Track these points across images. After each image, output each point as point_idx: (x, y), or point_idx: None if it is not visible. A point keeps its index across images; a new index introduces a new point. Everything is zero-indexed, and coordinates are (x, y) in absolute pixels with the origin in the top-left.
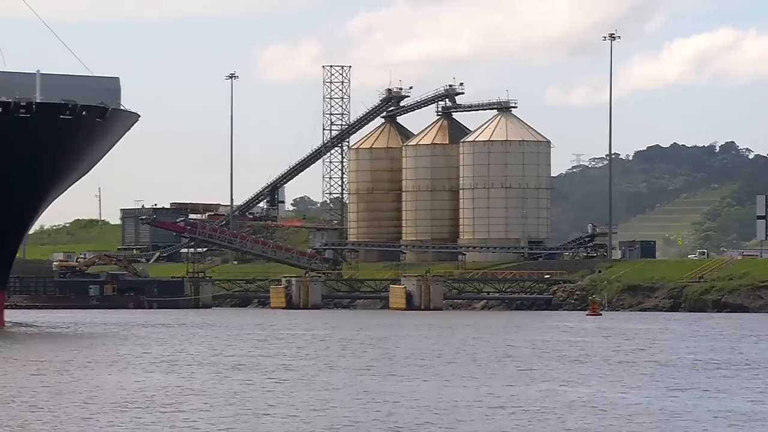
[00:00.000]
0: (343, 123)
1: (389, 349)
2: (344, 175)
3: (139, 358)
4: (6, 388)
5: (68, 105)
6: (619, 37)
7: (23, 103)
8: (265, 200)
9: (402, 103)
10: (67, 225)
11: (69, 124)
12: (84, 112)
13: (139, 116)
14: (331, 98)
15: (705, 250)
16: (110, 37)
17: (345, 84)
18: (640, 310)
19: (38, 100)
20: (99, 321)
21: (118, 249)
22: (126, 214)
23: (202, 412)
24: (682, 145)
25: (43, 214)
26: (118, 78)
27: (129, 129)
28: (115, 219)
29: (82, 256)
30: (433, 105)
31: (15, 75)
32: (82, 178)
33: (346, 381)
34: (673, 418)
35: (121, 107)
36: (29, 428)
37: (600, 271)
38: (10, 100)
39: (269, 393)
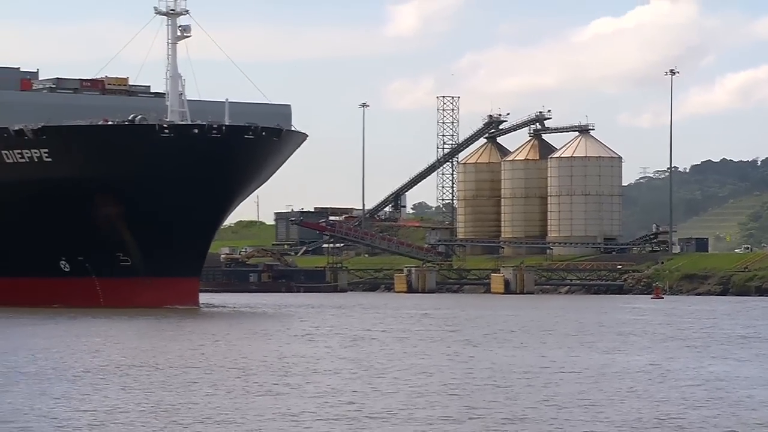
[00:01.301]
0: (453, 143)
1: (493, 324)
2: (454, 185)
3: (326, 329)
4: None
5: (251, 127)
6: (678, 72)
7: (215, 126)
8: (390, 205)
9: (501, 127)
10: (231, 225)
11: (251, 143)
12: (263, 133)
13: (307, 136)
14: (443, 123)
15: (749, 246)
16: (280, 72)
17: (454, 111)
18: (695, 295)
19: (227, 123)
20: (266, 302)
21: (273, 244)
22: (279, 216)
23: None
24: (730, 159)
25: None
26: (289, 105)
27: (299, 146)
28: (269, 220)
29: (244, 250)
30: (526, 128)
31: (208, 103)
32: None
33: (454, 349)
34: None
35: (293, 128)
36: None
37: (662, 263)
38: (204, 123)
39: (394, 358)
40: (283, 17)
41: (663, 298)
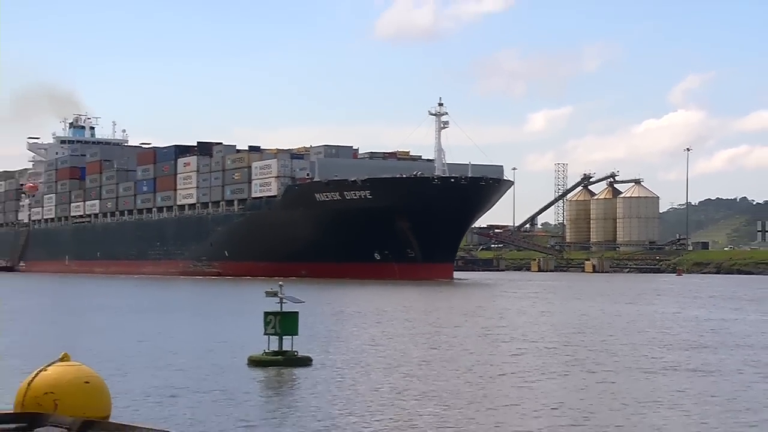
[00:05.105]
0: (564, 189)
1: (580, 291)
2: (564, 212)
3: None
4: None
5: (483, 178)
6: (692, 149)
7: (464, 177)
8: (529, 223)
9: (591, 180)
10: None
11: (484, 188)
12: (491, 181)
13: (513, 183)
14: (558, 177)
15: (732, 246)
16: (495, 147)
17: (565, 171)
18: (701, 274)
19: (470, 176)
20: (468, 277)
21: (464, 245)
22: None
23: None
24: (722, 198)
25: None
26: (502, 165)
27: (508, 190)
28: None
29: None
30: (605, 180)
31: (458, 165)
32: None
33: (559, 303)
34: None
35: (505, 179)
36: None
37: (682, 255)
38: (457, 176)
39: (549, 306)
40: (473, 120)
41: (682, 275)
